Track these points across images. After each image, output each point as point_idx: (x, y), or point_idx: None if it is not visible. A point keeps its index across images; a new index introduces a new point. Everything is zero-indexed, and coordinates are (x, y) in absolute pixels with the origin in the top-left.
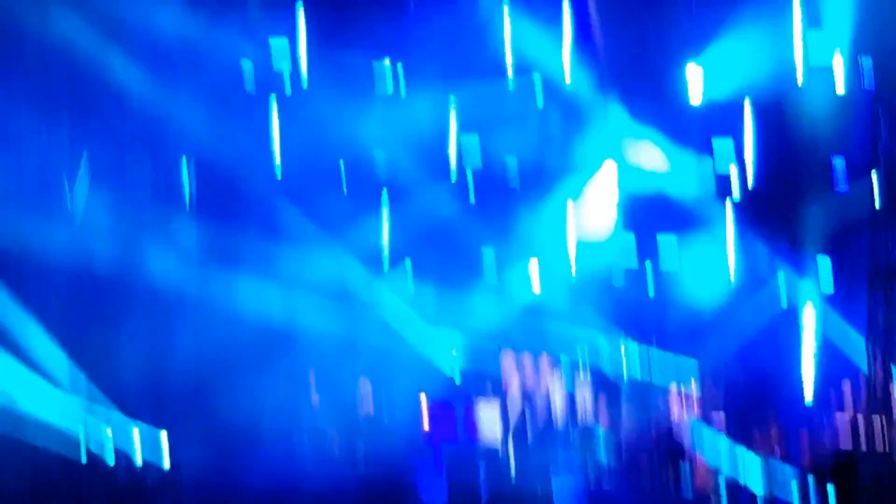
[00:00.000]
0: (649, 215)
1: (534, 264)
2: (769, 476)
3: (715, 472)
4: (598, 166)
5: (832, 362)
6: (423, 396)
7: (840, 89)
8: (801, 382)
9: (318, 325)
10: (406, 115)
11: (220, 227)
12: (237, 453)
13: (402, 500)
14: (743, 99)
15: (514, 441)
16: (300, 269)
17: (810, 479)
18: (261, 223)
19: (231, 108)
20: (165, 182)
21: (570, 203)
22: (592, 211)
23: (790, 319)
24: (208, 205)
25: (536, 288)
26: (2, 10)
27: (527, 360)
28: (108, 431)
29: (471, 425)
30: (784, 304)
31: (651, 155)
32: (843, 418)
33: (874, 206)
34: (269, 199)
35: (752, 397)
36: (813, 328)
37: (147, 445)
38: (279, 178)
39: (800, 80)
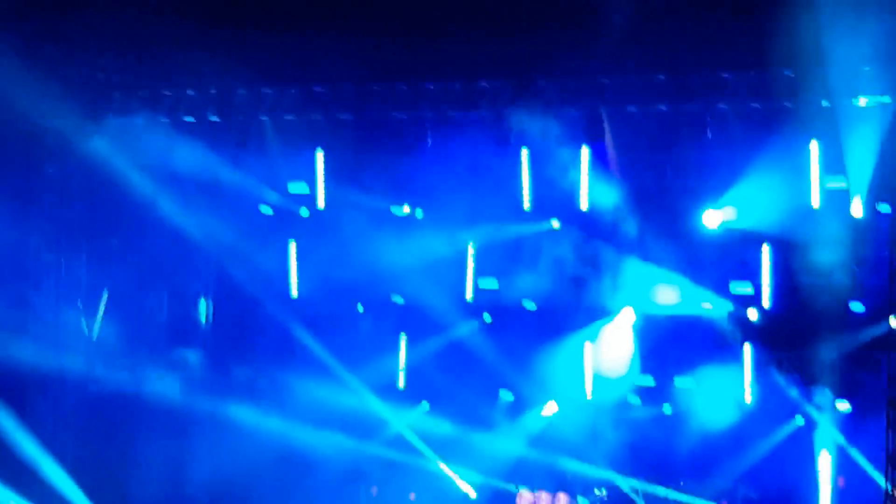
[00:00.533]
0: (667, 357)
1: (551, 405)
2: None
3: None
4: (618, 310)
5: (850, 483)
6: None
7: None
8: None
9: (330, 457)
10: (423, 257)
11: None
12: None
13: None
14: (761, 243)
15: None
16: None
17: None
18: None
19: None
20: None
21: (587, 345)
22: (610, 353)
23: (807, 443)
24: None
25: (553, 428)
26: (26, 142)
27: (544, 497)
28: None
29: None
30: (800, 422)
31: (670, 296)
32: None
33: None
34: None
35: None
36: (829, 452)
37: None
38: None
39: (815, 217)
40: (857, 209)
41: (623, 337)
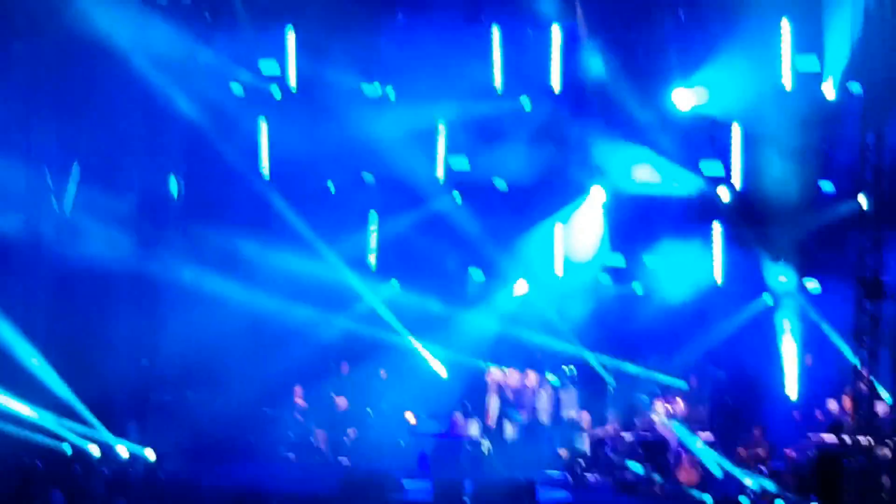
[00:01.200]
0: (637, 236)
1: (521, 284)
2: (753, 472)
3: (699, 471)
4: (588, 189)
5: (817, 361)
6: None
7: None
8: (784, 380)
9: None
10: (394, 133)
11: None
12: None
13: (385, 493)
14: (732, 122)
15: (499, 439)
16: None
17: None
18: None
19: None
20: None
21: (558, 225)
22: (580, 233)
23: (774, 322)
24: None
25: (523, 306)
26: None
27: (513, 374)
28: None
29: (456, 425)
30: (769, 303)
31: (641, 175)
32: (827, 414)
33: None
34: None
35: (737, 396)
36: (796, 330)
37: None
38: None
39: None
40: (829, 91)
41: (593, 217)
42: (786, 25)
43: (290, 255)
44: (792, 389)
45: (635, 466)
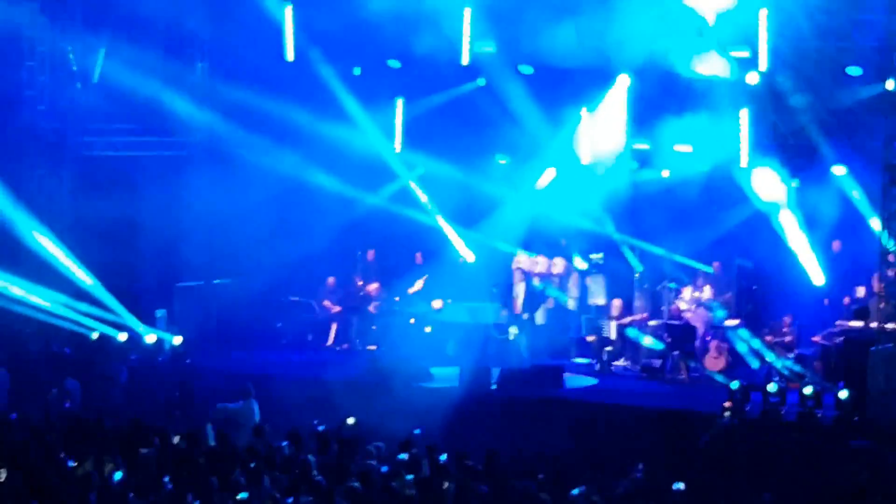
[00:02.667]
0: (664, 121)
1: (549, 173)
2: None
3: (726, 357)
4: (615, 75)
5: (845, 246)
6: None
7: None
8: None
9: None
10: (419, 20)
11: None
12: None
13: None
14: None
15: (526, 325)
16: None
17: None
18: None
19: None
20: None
21: (584, 111)
22: (606, 118)
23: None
24: None
25: (551, 193)
26: None
27: (541, 261)
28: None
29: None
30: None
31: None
32: (856, 301)
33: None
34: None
35: (763, 282)
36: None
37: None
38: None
39: None
40: None
41: (619, 102)
42: None
43: (318, 125)
44: (817, 277)
45: (657, 344)
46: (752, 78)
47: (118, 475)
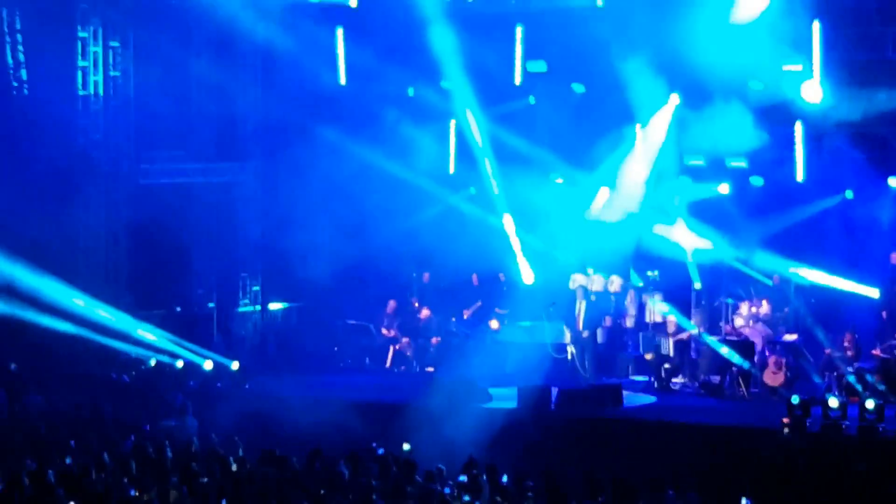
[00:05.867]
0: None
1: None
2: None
3: (785, 372)
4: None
5: None
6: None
7: None
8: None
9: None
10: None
11: None
12: None
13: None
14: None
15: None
16: None
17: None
18: None
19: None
20: None
21: (638, 128)
22: (658, 136)
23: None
24: None
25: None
26: None
27: (597, 279)
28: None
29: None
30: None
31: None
32: None
33: None
34: None
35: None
36: None
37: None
38: None
39: None
40: None
41: (665, 123)
42: None
43: (371, 148)
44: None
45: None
46: (808, 93)
47: None
